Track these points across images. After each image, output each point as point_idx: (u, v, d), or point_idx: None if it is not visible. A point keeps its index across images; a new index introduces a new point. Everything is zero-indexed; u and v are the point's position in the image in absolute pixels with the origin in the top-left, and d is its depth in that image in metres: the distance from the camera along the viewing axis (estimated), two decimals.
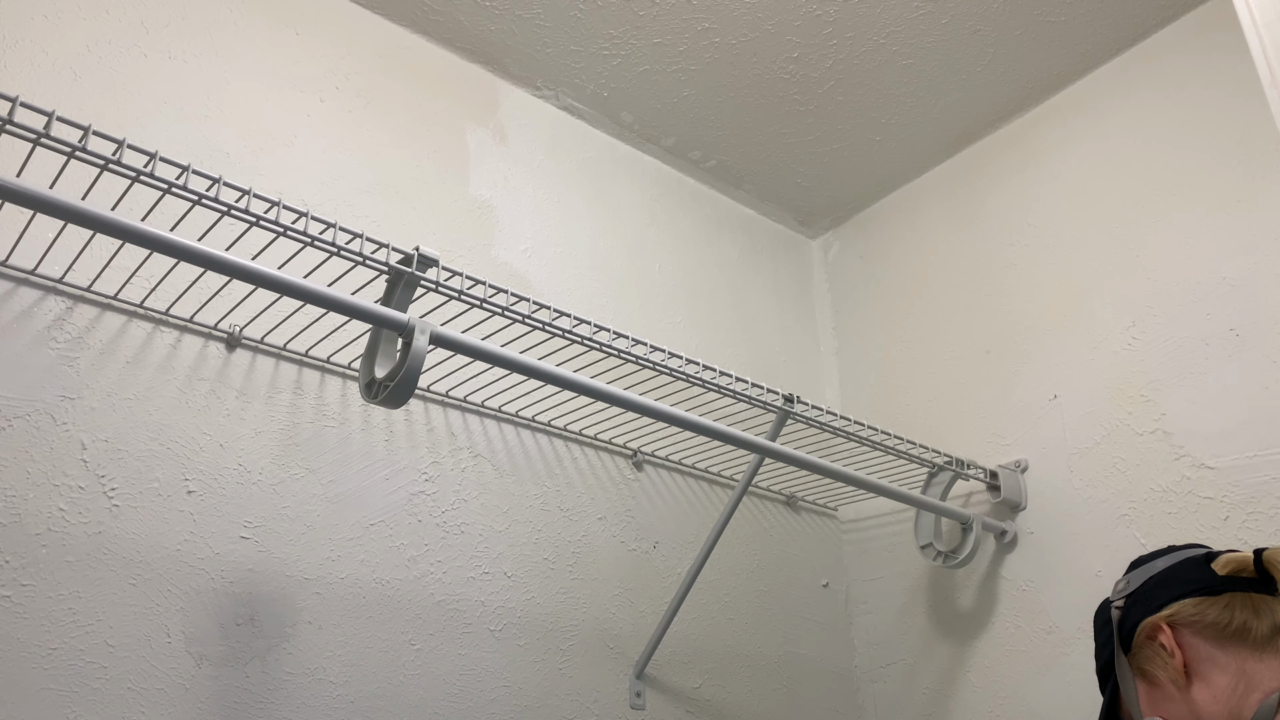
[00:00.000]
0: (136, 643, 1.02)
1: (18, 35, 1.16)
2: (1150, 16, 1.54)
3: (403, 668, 1.19)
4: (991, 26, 1.55)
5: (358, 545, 1.21)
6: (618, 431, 1.50)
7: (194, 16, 1.32)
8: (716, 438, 1.17)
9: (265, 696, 1.08)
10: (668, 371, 1.17)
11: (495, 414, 1.40)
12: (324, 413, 1.24)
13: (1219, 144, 1.44)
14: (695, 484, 1.61)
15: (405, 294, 1.00)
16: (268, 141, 1.33)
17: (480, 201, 1.53)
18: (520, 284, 1.52)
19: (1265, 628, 0.83)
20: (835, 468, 1.30)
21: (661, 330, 1.68)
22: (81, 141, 0.83)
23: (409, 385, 0.95)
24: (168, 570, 1.06)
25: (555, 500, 1.42)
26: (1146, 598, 0.90)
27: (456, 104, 1.58)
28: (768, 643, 1.59)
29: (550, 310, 1.09)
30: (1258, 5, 0.91)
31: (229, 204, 0.90)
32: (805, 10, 1.53)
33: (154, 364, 1.13)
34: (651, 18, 1.54)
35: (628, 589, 1.45)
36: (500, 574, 1.32)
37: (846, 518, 1.82)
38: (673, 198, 1.84)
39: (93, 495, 1.04)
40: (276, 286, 0.90)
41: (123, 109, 1.21)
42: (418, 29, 1.57)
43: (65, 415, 1.05)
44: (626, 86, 1.68)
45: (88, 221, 0.81)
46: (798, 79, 1.66)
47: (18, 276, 1.07)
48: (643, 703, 1.39)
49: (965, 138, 1.80)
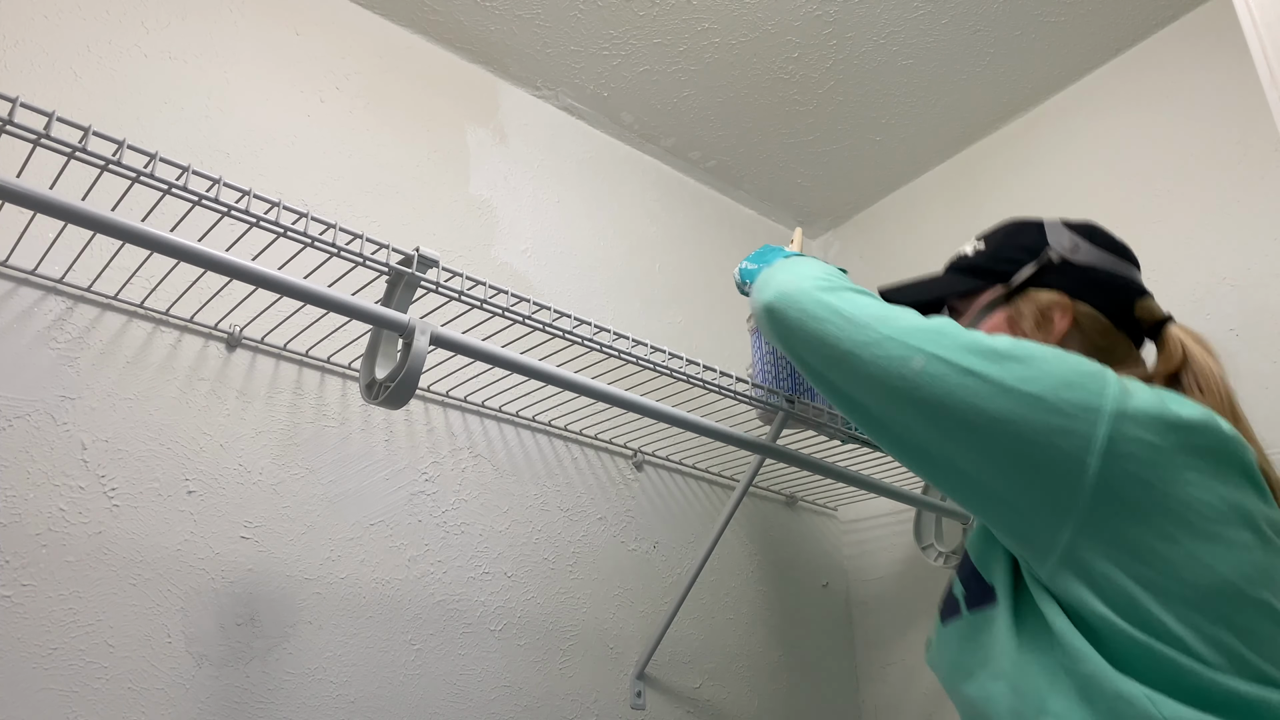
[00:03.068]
0: (136, 643, 1.02)
1: (18, 35, 1.16)
2: (1150, 16, 1.53)
3: (403, 668, 1.19)
4: (991, 26, 1.55)
5: (358, 545, 1.21)
6: (618, 432, 1.50)
7: (194, 17, 1.32)
8: (717, 438, 1.17)
9: (265, 696, 1.08)
10: (668, 372, 1.17)
11: (495, 414, 1.40)
12: (324, 413, 1.24)
13: (1219, 144, 1.44)
14: (695, 484, 1.61)
15: (405, 295, 1.00)
16: (268, 141, 1.33)
17: (480, 201, 1.53)
18: (520, 284, 1.52)
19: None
20: (835, 467, 1.30)
21: (661, 330, 1.68)
22: (81, 142, 0.83)
23: (410, 386, 0.95)
24: (168, 570, 1.06)
25: (555, 500, 1.42)
26: (1077, 278, 0.95)
27: (456, 104, 1.57)
28: (768, 643, 1.59)
29: (551, 311, 1.09)
30: (1258, 5, 0.91)
31: (229, 204, 0.90)
32: (805, 10, 1.53)
33: (154, 364, 1.13)
34: (651, 18, 1.54)
35: (628, 589, 1.45)
36: (500, 574, 1.32)
37: (846, 518, 1.82)
38: (673, 198, 1.84)
39: (93, 495, 1.04)
40: (277, 287, 0.90)
41: (123, 109, 1.21)
42: (418, 29, 1.57)
43: (65, 415, 1.05)
44: (626, 86, 1.68)
45: (88, 222, 0.81)
46: (798, 79, 1.66)
47: (18, 276, 1.07)
48: (643, 703, 1.39)
49: (965, 138, 1.80)
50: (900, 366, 0.82)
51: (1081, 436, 0.74)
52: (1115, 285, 0.95)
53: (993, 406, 0.77)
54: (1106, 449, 0.74)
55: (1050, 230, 0.99)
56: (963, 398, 0.79)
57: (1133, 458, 0.74)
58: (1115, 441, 0.74)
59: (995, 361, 0.79)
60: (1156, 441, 0.74)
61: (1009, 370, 0.78)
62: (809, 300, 0.90)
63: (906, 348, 0.82)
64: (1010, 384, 0.77)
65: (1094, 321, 0.93)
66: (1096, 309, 0.94)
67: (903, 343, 0.83)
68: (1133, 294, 0.95)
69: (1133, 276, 0.96)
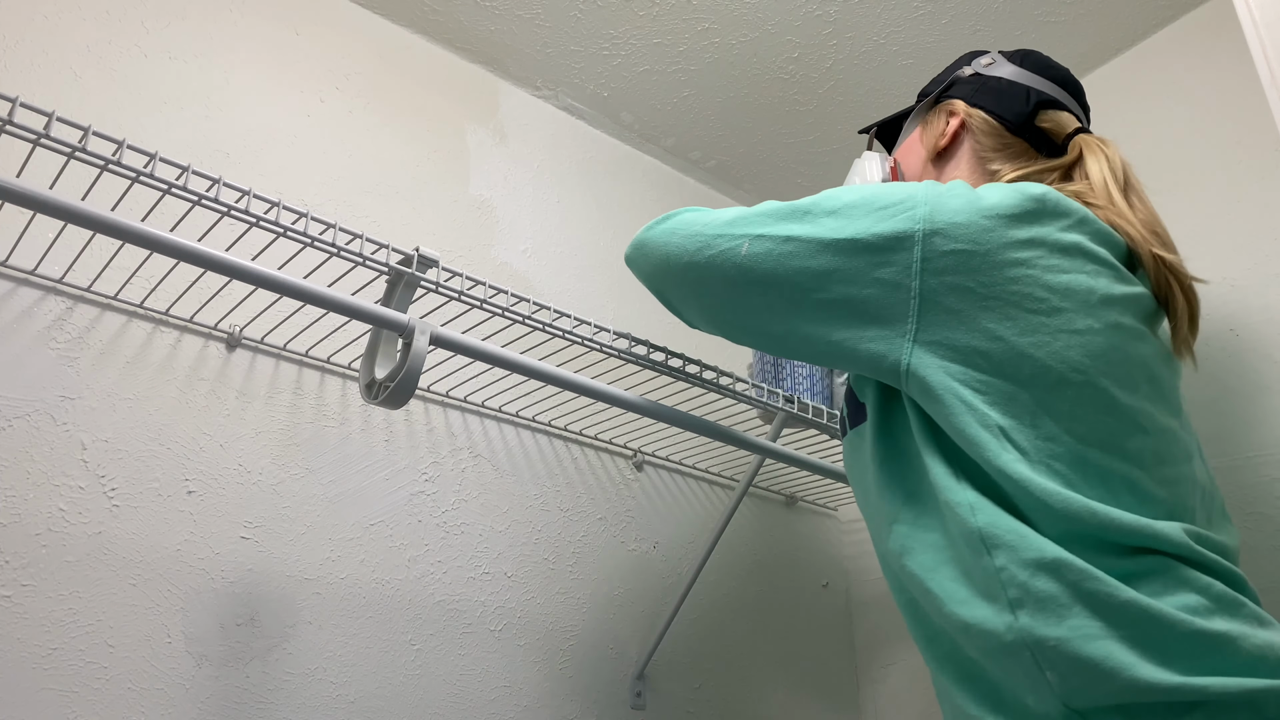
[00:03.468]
0: (136, 643, 1.02)
1: (18, 35, 1.16)
2: (1150, 16, 1.53)
3: (403, 668, 1.19)
4: (991, 26, 1.55)
5: (358, 545, 1.21)
6: (618, 432, 1.50)
7: (194, 17, 1.32)
8: (717, 438, 1.17)
9: (265, 696, 1.08)
10: (668, 371, 1.17)
11: (495, 414, 1.40)
12: (324, 413, 1.24)
13: (1219, 144, 1.44)
14: (695, 484, 1.61)
15: (405, 294, 1.00)
16: (268, 141, 1.33)
17: (480, 201, 1.54)
18: (520, 284, 1.52)
19: (1008, 178, 0.95)
20: (835, 468, 1.30)
21: (662, 330, 1.68)
22: (81, 142, 0.83)
23: (410, 386, 0.95)
24: (168, 570, 1.06)
25: (555, 500, 1.42)
26: (979, 87, 1.02)
27: (456, 104, 1.58)
28: (768, 643, 1.59)
29: (551, 311, 1.09)
30: (1258, 5, 0.91)
31: (229, 204, 0.90)
32: (805, 10, 1.53)
33: (154, 364, 1.13)
34: (651, 18, 1.54)
35: (628, 589, 1.45)
36: (500, 574, 1.32)
37: (846, 518, 1.82)
38: (673, 198, 1.84)
39: (93, 495, 1.04)
40: (276, 287, 0.90)
41: (123, 109, 1.21)
42: (418, 29, 1.57)
43: (65, 415, 1.05)
44: (626, 86, 1.68)
45: (88, 222, 0.81)
46: (798, 79, 1.66)
47: (18, 276, 1.07)
48: (643, 703, 1.39)
49: None
50: (732, 257, 0.87)
51: (900, 265, 0.79)
52: (1015, 94, 1.00)
53: (816, 264, 0.82)
54: (922, 268, 0.78)
55: (979, 53, 1.08)
56: (790, 265, 0.84)
57: (948, 269, 0.78)
58: (929, 259, 0.78)
59: (808, 220, 0.84)
60: (969, 248, 0.78)
61: (822, 225, 0.83)
62: (647, 236, 0.98)
63: (731, 238, 0.88)
64: (827, 237, 0.82)
65: (985, 124, 1.00)
66: (991, 115, 1.00)
67: (727, 235, 0.88)
68: (1039, 105, 1.00)
69: (1046, 90, 1.01)
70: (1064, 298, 0.78)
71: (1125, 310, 0.81)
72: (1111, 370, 0.77)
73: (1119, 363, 0.78)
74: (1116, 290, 0.81)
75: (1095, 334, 0.78)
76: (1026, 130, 0.99)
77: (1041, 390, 0.76)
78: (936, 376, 0.78)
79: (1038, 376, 0.76)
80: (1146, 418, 0.78)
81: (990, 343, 0.77)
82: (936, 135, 1.04)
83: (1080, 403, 0.76)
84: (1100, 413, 0.76)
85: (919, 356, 0.79)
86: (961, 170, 1.01)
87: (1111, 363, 0.78)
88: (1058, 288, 0.78)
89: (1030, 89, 1.01)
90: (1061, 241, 0.80)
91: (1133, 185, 0.93)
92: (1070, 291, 0.78)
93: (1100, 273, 0.81)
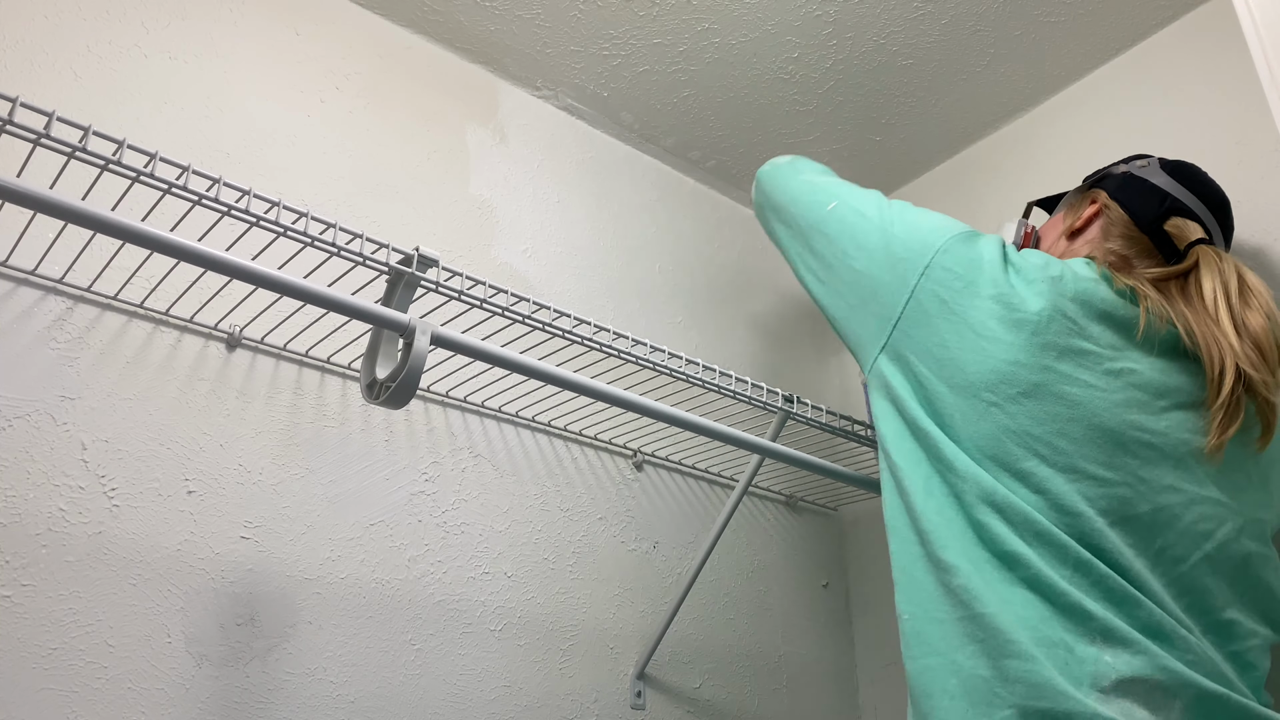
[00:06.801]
0: (136, 643, 1.02)
1: (18, 35, 1.16)
2: (1150, 16, 1.54)
3: (403, 668, 1.19)
4: (991, 26, 1.55)
5: (358, 545, 1.21)
6: (618, 432, 1.50)
7: (194, 17, 1.32)
8: (716, 438, 1.17)
9: (265, 696, 1.08)
10: (668, 371, 1.17)
11: (495, 414, 1.40)
12: (324, 413, 1.24)
13: (1219, 144, 1.44)
14: (695, 484, 1.61)
15: (406, 294, 1.00)
16: (268, 141, 1.33)
17: (480, 202, 1.54)
18: (520, 284, 1.52)
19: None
20: (835, 468, 1.30)
21: (661, 330, 1.68)
22: (81, 142, 0.83)
23: (411, 386, 0.95)
24: (168, 570, 1.06)
25: (555, 500, 1.42)
26: (1124, 185, 1.13)
27: (456, 104, 1.58)
28: (768, 643, 1.59)
29: (550, 310, 1.09)
30: (1258, 5, 0.91)
31: (229, 204, 0.90)
32: (805, 10, 1.53)
33: (154, 364, 1.13)
34: (651, 18, 1.54)
35: (628, 589, 1.45)
36: (500, 574, 1.32)
37: (846, 518, 1.82)
38: (673, 198, 1.84)
39: (93, 495, 1.04)
40: (276, 287, 0.90)
41: (123, 109, 1.21)
42: (418, 29, 1.57)
43: (65, 415, 1.05)
44: (626, 86, 1.68)
45: (88, 222, 0.81)
46: (798, 79, 1.66)
47: (18, 276, 1.07)
48: (643, 703, 1.39)
49: (965, 138, 1.80)
50: (820, 207, 1.14)
51: (915, 265, 1.00)
52: (1155, 196, 1.10)
53: (864, 239, 1.06)
54: (925, 273, 0.99)
55: (1141, 156, 1.18)
56: (848, 232, 1.08)
57: (940, 281, 0.98)
58: (932, 268, 0.99)
59: (882, 210, 1.08)
60: (960, 271, 0.97)
61: (886, 216, 1.06)
62: (775, 168, 1.29)
63: (830, 194, 1.14)
64: (884, 226, 1.05)
65: (1119, 217, 1.11)
66: (1126, 211, 1.10)
67: (830, 193, 1.15)
68: (1171, 210, 1.09)
69: (1182, 200, 1.09)
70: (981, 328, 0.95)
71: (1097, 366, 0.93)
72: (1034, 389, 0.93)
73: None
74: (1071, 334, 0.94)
75: (1012, 348, 0.93)
76: (1153, 231, 1.08)
77: (981, 387, 0.93)
78: (892, 368, 1.01)
79: (979, 376, 0.94)
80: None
81: (942, 348, 0.96)
82: (1075, 217, 1.15)
83: (1024, 402, 0.92)
84: (1040, 408, 0.92)
85: (897, 338, 1.01)
86: (1084, 248, 1.12)
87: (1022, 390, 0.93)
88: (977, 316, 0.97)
89: (1169, 194, 1.09)
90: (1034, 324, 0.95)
91: (1249, 301, 0.99)
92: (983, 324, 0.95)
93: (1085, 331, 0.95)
